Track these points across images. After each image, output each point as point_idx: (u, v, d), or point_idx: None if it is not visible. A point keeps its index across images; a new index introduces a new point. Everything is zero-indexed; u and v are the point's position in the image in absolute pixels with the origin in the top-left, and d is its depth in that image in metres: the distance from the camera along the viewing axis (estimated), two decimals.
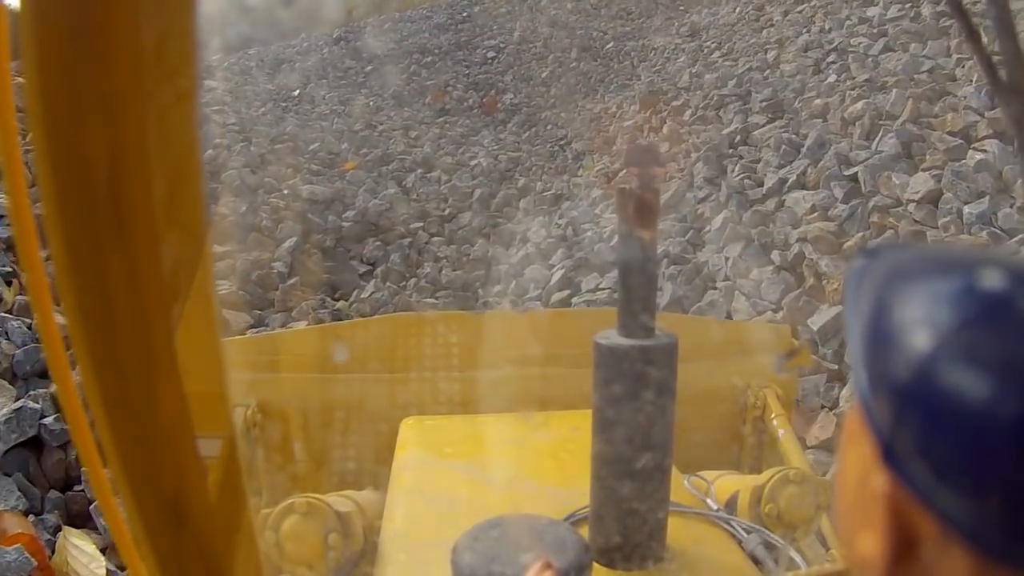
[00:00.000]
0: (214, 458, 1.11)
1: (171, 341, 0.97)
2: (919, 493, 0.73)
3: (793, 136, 13.28)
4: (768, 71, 17.31)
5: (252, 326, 11.28)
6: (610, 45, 26.10)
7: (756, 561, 2.80)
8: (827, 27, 17.52)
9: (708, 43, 21.57)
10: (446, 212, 17.51)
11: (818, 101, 13.76)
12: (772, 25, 20.00)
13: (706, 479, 3.47)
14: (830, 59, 15.82)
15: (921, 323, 0.74)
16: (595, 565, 2.38)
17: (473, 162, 20.40)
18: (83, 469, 5.72)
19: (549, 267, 13.27)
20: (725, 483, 3.47)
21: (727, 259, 11.13)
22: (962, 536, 0.70)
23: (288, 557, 2.86)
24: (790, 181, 11.95)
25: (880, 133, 11.55)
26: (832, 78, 14.54)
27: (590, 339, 2.51)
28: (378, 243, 15.61)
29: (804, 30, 18.21)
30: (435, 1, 34.05)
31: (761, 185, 12.51)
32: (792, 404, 5.07)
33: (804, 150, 12.51)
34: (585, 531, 2.56)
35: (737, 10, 22.54)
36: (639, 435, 2.41)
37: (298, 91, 24.75)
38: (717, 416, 4.76)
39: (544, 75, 26.05)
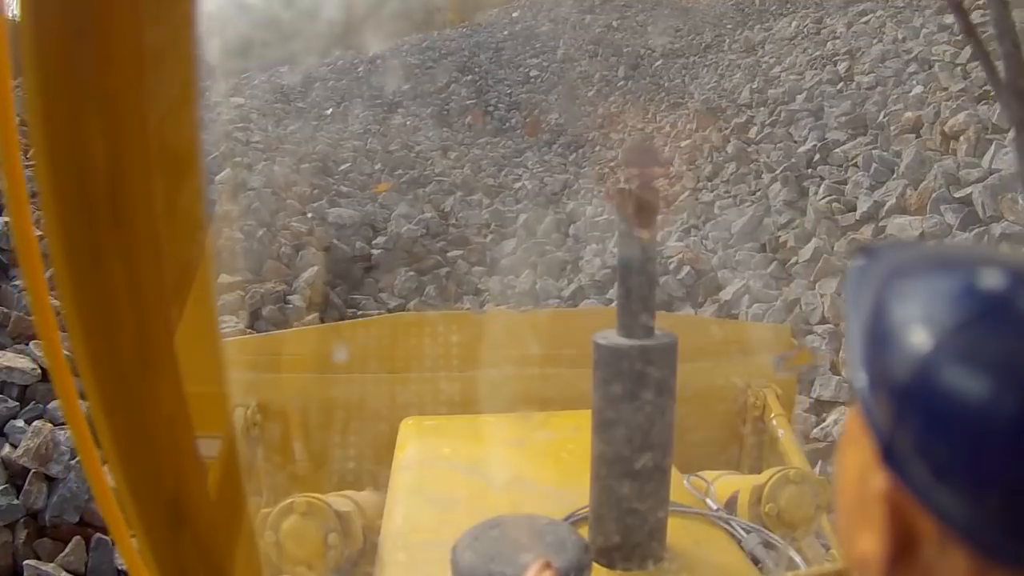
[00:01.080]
0: (214, 458, 1.11)
1: (171, 341, 0.97)
2: (918, 493, 0.72)
3: (884, 154, 12.18)
4: (841, 84, 16.37)
5: None
6: (659, 63, 25.21)
7: (756, 561, 2.80)
8: (900, 36, 16.59)
9: (766, 58, 20.64)
10: (488, 239, 15.75)
11: (908, 114, 12.57)
12: (837, 37, 19.05)
13: (706, 479, 3.48)
14: (911, 69, 14.86)
15: (921, 323, 0.74)
16: (595, 565, 2.39)
17: (517, 184, 19.12)
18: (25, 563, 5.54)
19: (606, 301, 11.90)
20: (725, 483, 3.48)
21: (822, 296, 10.09)
22: (961, 536, 0.70)
23: (288, 557, 2.88)
24: (888, 204, 10.80)
25: (992, 148, 10.18)
26: (918, 89, 13.48)
27: (590, 339, 2.51)
28: (411, 273, 13.79)
29: (874, 40, 17.30)
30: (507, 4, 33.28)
31: (853, 209, 11.39)
32: (792, 404, 5.08)
33: (901, 169, 11.30)
34: (585, 531, 2.56)
35: (794, 24, 21.78)
36: (639, 435, 2.42)
37: (331, 110, 23.39)
38: (717, 416, 4.76)
39: (590, 94, 24.85)
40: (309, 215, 14.57)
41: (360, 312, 11.97)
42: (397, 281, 13.60)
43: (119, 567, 5.68)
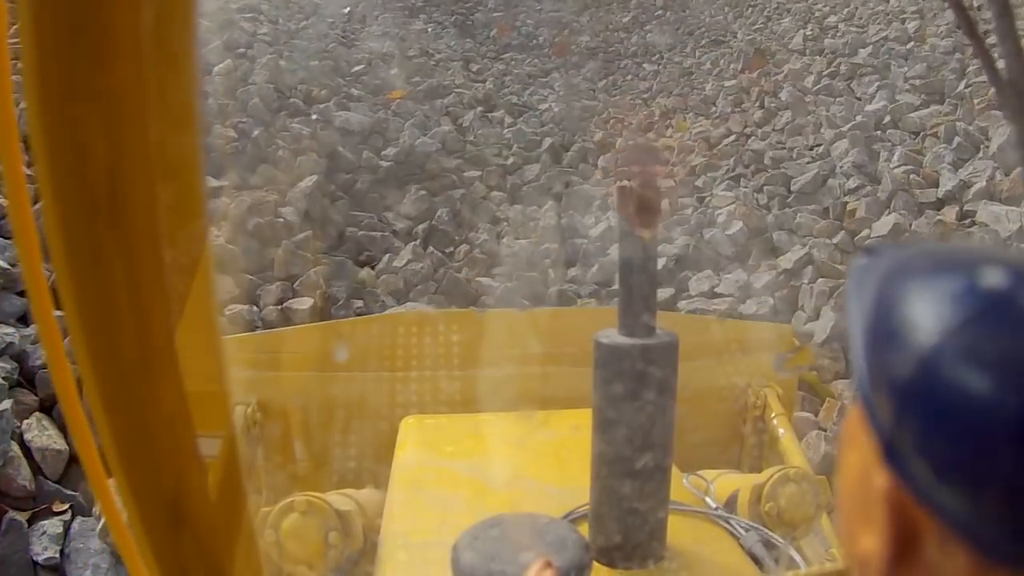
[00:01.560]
0: (214, 457, 1.12)
1: (171, 340, 0.97)
2: (920, 492, 0.73)
3: (969, 127, 11.24)
4: (912, 43, 15.28)
5: (235, 300, 8.46)
6: None
7: (756, 560, 2.81)
8: (976, 3, 14.69)
9: (819, 5, 19.53)
10: (509, 161, 14.23)
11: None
12: None
13: (706, 478, 3.48)
14: (991, 40, 13.87)
15: (922, 321, 0.74)
16: (595, 564, 2.39)
17: (543, 106, 17.53)
18: None
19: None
20: (725, 482, 3.49)
21: None
22: (962, 535, 0.70)
23: (288, 556, 2.88)
24: (976, 187, 9.86)
25: None
26: (1002, 63, 12.58)
27: (591, 338, 2.51)
28: (423, 192, 12.18)
29: (945, 3, 15.80)
30: None
31: (934, 185, 10.42)
32: (792, 403, 5.11)
33: (989, 149, 10.39)
34: (584, 529, 2.56)
35: None
36: (639, 434, 2.42)
37: (348, 8, 21.29)
38: (717, 415, 4.77)
39: (626, 20, 23.64)
40: (314, 116, 13.15)
41: (361, 232, 10.85)
42: (406, 199, 12.13)
43: (35, 558, 5.23)
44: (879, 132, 12.53)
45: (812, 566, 3.02)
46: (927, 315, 0.74)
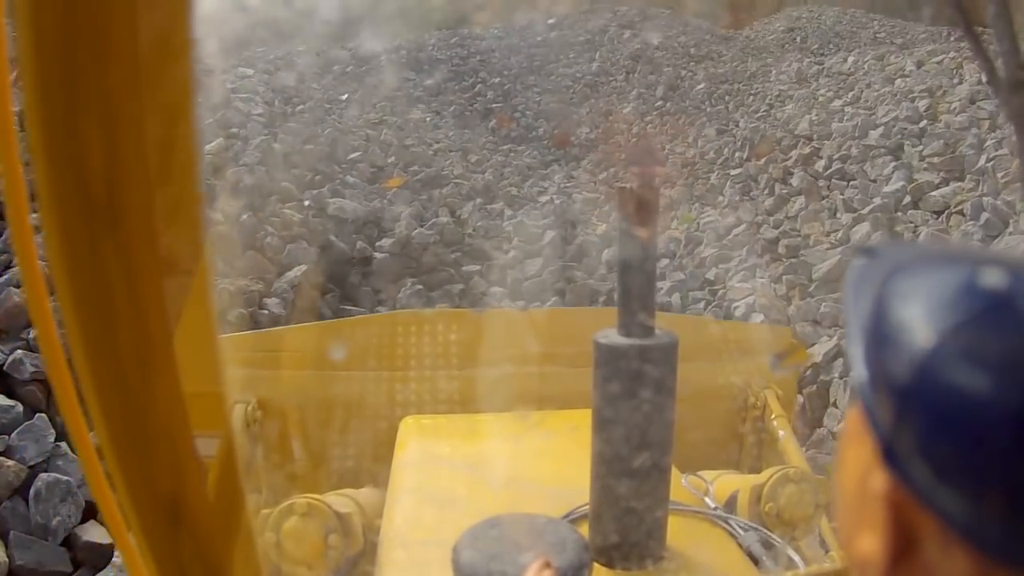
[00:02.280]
0: (212, 457, 1.11)
1: (169, 341, 0.97)
2: (919, 492, 0.72)
3: (996, 202, 11.12)
4: (924, 122, 15.02)
5: None
6: (701, 87, 24.14)
7: (754, 560, 2.81)
8: (984, 78, 15.12)
9: (822, 91, 19.53)
10: (509, 255, 13.67)
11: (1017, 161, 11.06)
12: (906, 75, 17.92)
13: (705, 479, 3.49)
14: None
15: (921, 322, 0.74)
16: (594, 564, 2.40)
17: (543, 198, 17.23)
18: None
19: None
20: (725, 482, 3.50)
21: None
22: (962, 535, 0.70)
23: (288, 557, 2.89)
24: None
25: None
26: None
27: (589, 338, 2.52)
28: (419, 286, 11.73)
29: (955, 80, 16.13)
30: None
31: None
32: (791, 404, 5.07)
33: (1019, 223, 10.43)
34: (584, 529, 2.56)
35: (851, 60, 20.86)
36: (638, 434, 2.42)
37: (347, 95, 21.27)
38: (717, 416, 4.77)
39: (626, 111, 23.57)
40: (306, 203, 12.68)
41: None
42: (400, 294, 11.65)
43: None
44: (900, 213, 12.34)
45: (812, 566, 3.01)
46: (926, 316, 0.74)
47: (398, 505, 3.08)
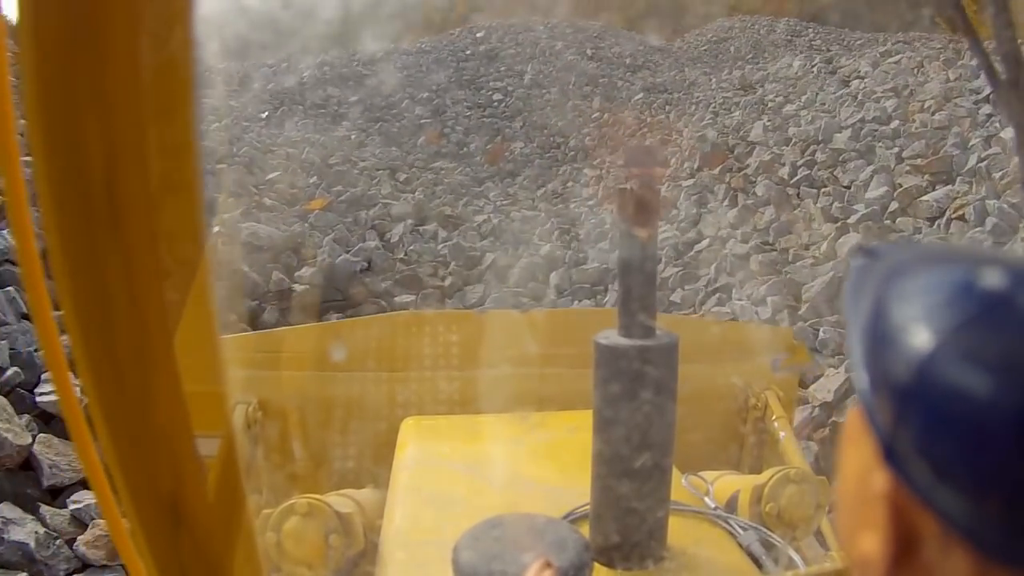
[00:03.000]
0: (213, 457, 1.11)
1: (170, 342, 0.97)
2: (920, 493, 0.73)
3: (1004, 206, 10.42)
4: (896, 123, 14.26)
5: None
6: (639, 96, 23.67)
7: (755, 560, 2.81)
8: (952, 76, 14.59)
9: (772, 96, 18.93)
10: (446, 282, 12.44)
11: (1016, 160, 10.08)
12: (861, 76, 17.37)
13: (706, 479, 3.48)
14: (985, 110, 12.82)
15: (921, 322, 0.74)
16: (595, 564, 2.39)
17: (479, 218, 16.18)
18: None
19: None
20: (725, 483, 3.49)
21: None
22: (962, 535, 0.70)
23: (289, 557, 2.88)
24: None
25: None
26: (1008, 132, 10.74)
27: (590, 339, 2.52)
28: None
29: (920, 79, 15.35)
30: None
31: None
32: (792, 405, 5.09)
33: None
34: (584, 529, 2.56)
35: (797, 64, 20.32)
36: (639, 435, 2.42)
37: (266, 113, 20.67)
38: (718, 417, 4.78)
39: (561, 124, 22.79)
40: (215, 228, 11.03)
41: None
42: None
43: None
44: (888, 221, 11.70)
45: (812, 566, 3.01)
46: (926, 316, 0.74)
47: (399, 505, 3.08)
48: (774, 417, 4.56)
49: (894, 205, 11.91)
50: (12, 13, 0.86)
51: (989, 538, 0.69)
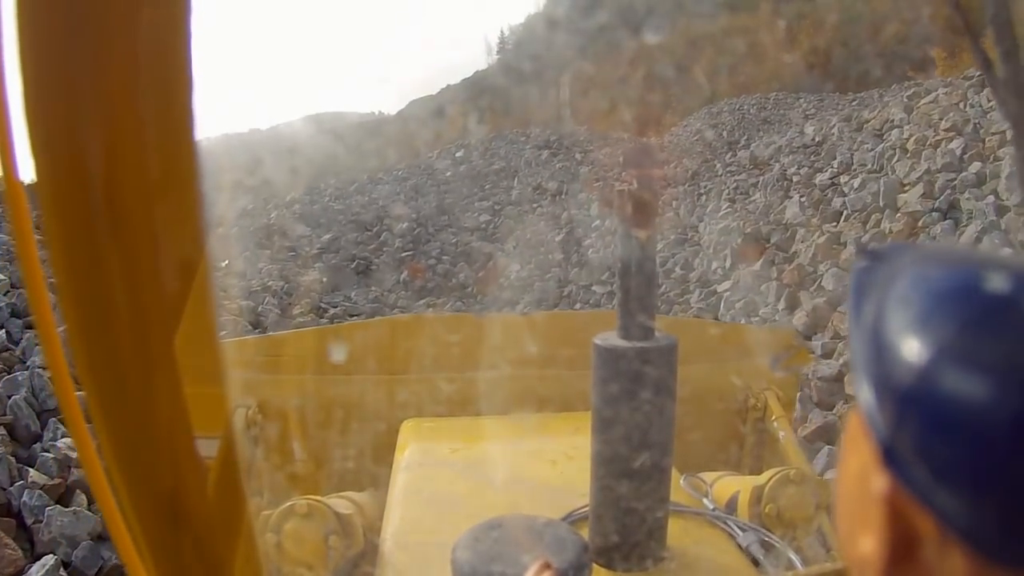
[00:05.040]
0: (213, 459, 1.11)
1: (170, 343, 0.97)
2: (919, 494, 0.73)
3: None
4: (979, 165, 12.27)
5: None
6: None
7: (754, 560, 2.82)
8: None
9: (794, 168, 17.25)
10: None
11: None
12: (898, 125, 15.45)
13: (706, 480, 3.49)
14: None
15: (922, 325, 0.74)
16: (594, 565, 2.40)
17: None
18: None
19: None
20: (725, 483, 3.50)
21: None
22: (962, 537, 0.70)
23: (289, 558, 2.88)
24: None
25: None
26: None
27: (589, 340, 2.52)
28: None
29: (978, 110, 13.18)
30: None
31: None
32: (792, 405, 5.10)
33: None
34: (584, 530, 2.57)
35: (809, 131, 18.29)
36: (638, 436, 2.42)
37: (226, 262, 17.42)
38: (717, 417, 4.77)
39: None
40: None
41: None
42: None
43: None
44: None
45: (812, 566, 3.00)
46: (927, 319, 0.74)
47: (399, 506, 3.09)
48: (774, 417, 4.56)
49: None
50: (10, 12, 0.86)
51: (987, 539, 0.69)
